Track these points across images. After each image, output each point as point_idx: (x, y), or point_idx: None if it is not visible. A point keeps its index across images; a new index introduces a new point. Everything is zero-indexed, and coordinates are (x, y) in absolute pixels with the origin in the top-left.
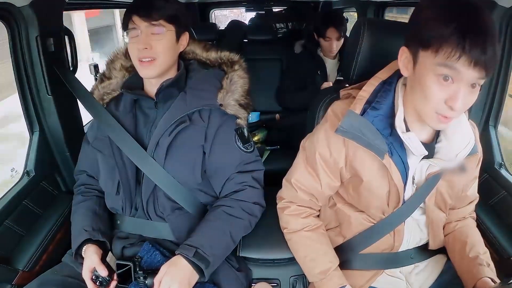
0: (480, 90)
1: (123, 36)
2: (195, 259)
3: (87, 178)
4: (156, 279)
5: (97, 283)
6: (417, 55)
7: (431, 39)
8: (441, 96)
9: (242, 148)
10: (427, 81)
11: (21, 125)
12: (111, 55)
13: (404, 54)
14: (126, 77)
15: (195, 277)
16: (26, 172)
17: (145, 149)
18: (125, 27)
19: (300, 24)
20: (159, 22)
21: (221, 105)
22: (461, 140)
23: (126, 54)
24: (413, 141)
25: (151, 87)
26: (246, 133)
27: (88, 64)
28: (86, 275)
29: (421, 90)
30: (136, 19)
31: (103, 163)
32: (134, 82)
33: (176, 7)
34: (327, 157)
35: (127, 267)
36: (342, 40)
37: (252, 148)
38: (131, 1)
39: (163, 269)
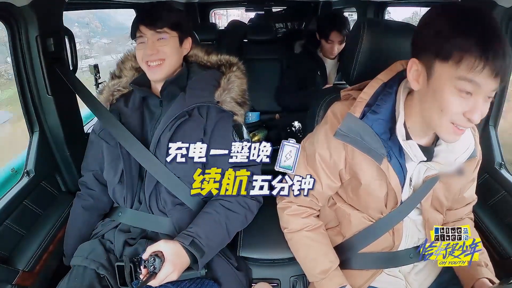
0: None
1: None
2: (191, 248)
3: (92, 180)
4: (150, 249)
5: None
6: (432, 68)
7: (451, 51)
8: (460, 109)
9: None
10: (445, 95)
11: None
12: (122, 57)
13: (414, 67)
14: (135, 76)
15: (187, 264)
16: (26, 172)
17: (149, 144)
18: (133, 35)
19: (300, 24)
20: (163, 30)
21: (218, 102)
22: (461, 144)
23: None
24: (413, 149)
25: (157, 86)
26: (244, 132)
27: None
28: None
29: (436, 103)
30: (142, 28)
31: (108, 152)
32: (142, 81)
33: (178, 15)
34: (327, 159)
35: (127, 268)
36: (343, 44)
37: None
38: (131, 0)
39: (163, 247)
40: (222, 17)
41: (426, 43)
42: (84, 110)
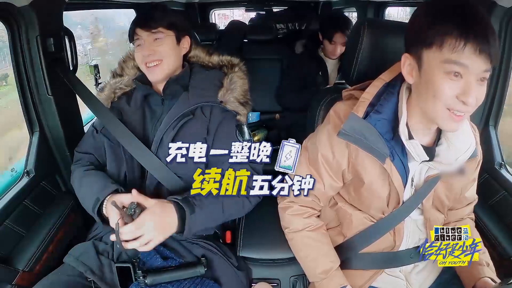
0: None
1: (130, 47)
2: (182, 203)
3: (90, 157)
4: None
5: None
6: (421, 58)
7: (434, 37)
8: (452, 92)
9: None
10: (435, 80)
11: None
12: (124, 56)
13: (407, 61)
14: (137, 74)
15: (173, 224)
16: (26, 172)
17: (150, 144)
18: (131, 39)
19: (301, 24)
20: (158, 30)
21: (221, 102)
22: (462, 144)
23: None
24: (416, 148)
25: (158, 86)
26: (246, 131)
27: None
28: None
29: (429, 91)
30: (138, 30)
31: (110, 150)
32: (144, 79)
33: (174, 15)
34: (330, 159)
35: (126, 269)
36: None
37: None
38: (131, 1)
39: (149, 202)
40: (228, 18)
41: (414, 36)
42: (86, 111)
